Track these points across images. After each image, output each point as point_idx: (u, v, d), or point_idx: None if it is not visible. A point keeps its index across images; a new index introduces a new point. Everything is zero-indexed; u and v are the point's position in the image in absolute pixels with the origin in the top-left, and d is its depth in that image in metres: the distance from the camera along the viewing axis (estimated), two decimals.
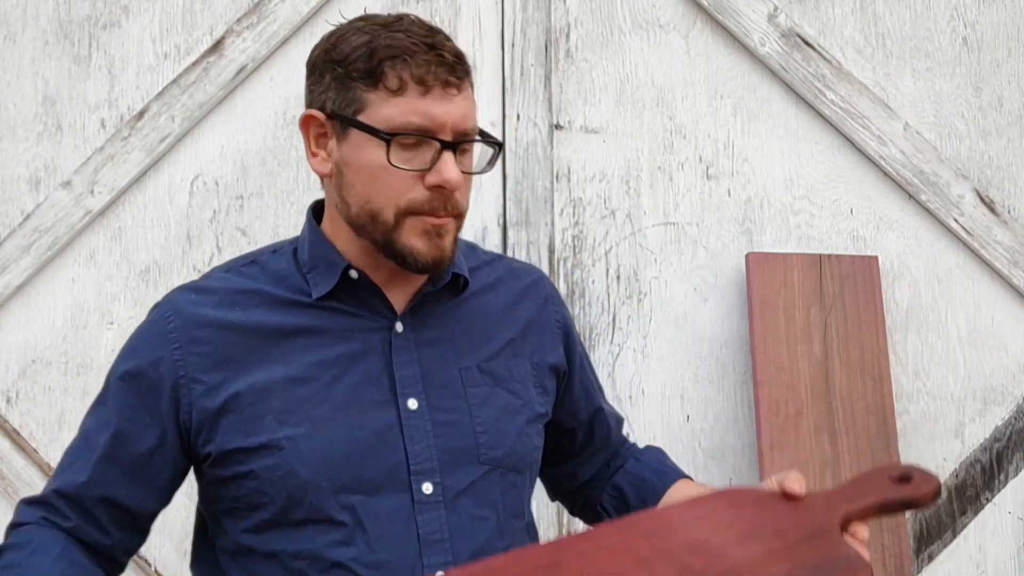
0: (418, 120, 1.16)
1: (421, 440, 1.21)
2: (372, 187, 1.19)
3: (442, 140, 1.17)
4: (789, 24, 2.31)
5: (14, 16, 2.26)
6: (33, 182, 2.22)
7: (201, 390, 1.20)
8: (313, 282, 1.25)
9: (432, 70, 1.16)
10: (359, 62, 1.18)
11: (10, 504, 2.13)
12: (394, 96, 1.16)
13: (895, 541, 2.12)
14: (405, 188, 1.17)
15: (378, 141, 1.16)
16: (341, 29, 1.22)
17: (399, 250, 1.19)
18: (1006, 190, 2.36)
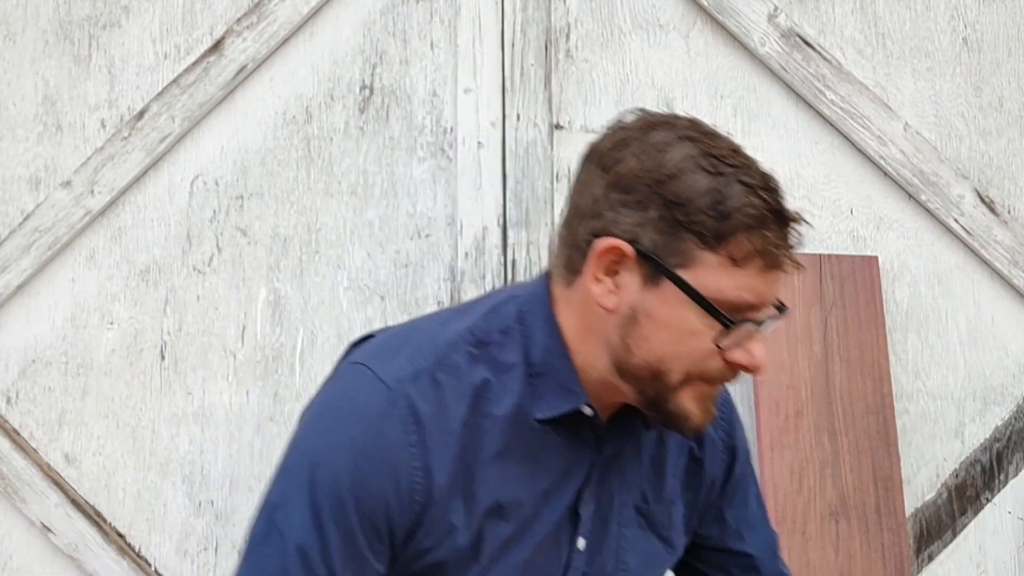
0: (750, 298, 1.04)
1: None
2: (672, 349, 1.05)
3: (760, 321, 1.05)
4: (789, 24, 2.31)
5: (14, 16, 2.26)
6: (33, 182, 2.22)
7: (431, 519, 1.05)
8: (539, 395, 1.09)
9: (783, 251, 1.06)
10: (706, 219, 1.03)
11: (10, 504, 2.13)
12: (734, 266, 1.04)
13: (895, 541, 2.12)
14: (704, 355, 1.04)
15: (699, 308, 1.03)
16: (672, 152, 1.07)
17: (670, 411, 1.06)
18: (1006, 190, 2.36)
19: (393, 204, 2.24)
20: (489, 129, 2.24)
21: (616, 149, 1.11)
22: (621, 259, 1.06)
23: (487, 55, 2.27)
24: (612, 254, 1.06)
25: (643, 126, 1.11)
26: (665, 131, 1.09)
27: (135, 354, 2.19)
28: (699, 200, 1.03)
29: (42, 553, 2.14)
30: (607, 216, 1.07)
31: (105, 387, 2.18)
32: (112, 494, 2.15)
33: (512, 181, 2.25)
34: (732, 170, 1.06)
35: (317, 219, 2.23)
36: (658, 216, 1.04)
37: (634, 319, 1.06)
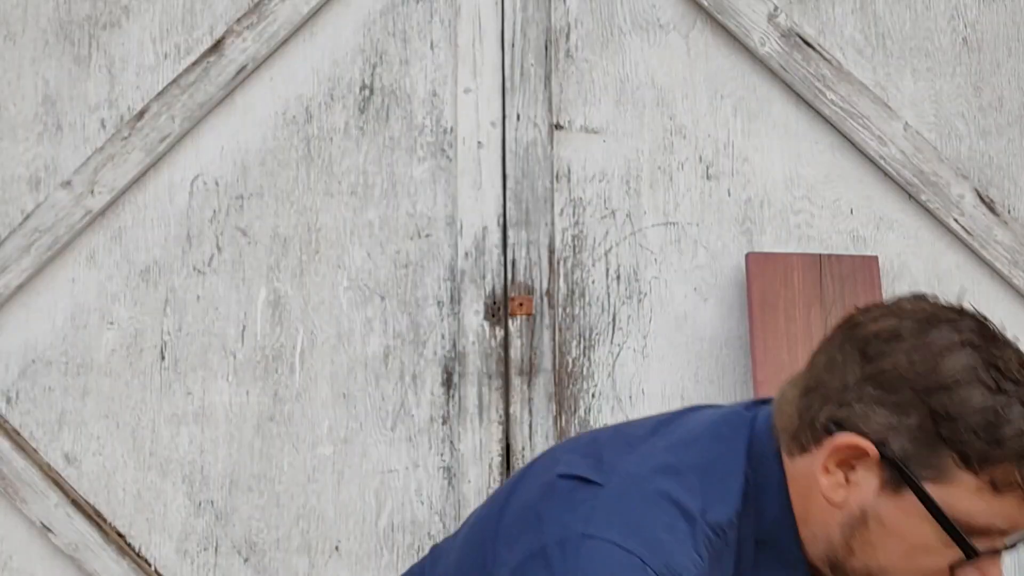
0: (1002, 526, 0.94)
1: None
2: (900, 563, 0.97)
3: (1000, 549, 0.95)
4: (789, 24, 2.31)
5: (14, 16, 2.26)
6: (33, 182, 2.22)
7: None
8: (759, 563, 1.03)
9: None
10: (975, 439, 0.92)
11: (10, 504, 2.13)
12: (993, 492, 0.92)
13: None
14: (931, 572, 0.96)
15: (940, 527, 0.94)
16: (950, 360, 0.93)
17: None
18: (1006, 190, 2.36)
19: (393, 204, 2.24)
20: (489, 129, 2.25)
21: (886, 340, 0.99)
22: (861, 457, 0.96)
23: (487, 55, 2.27)
24: (853, 451, 0.96)
25: (922, 320, 0.98)
26: (947, 331, 0.95)
27: (135, 354, 2.19)
28: (972, 418, 0.92)
29: (42, 553, 2.14)
30: (856, 409, 0.97)
31: (105, 387, 2.18)
32: (112, 494, 2.15)
33: (512, 181, 2.25)
34: (1015, 388, 0.93)
35: (317, 219, 2.23)
36: (918, 425, 0.93)
37: (863, 522, 0.97)
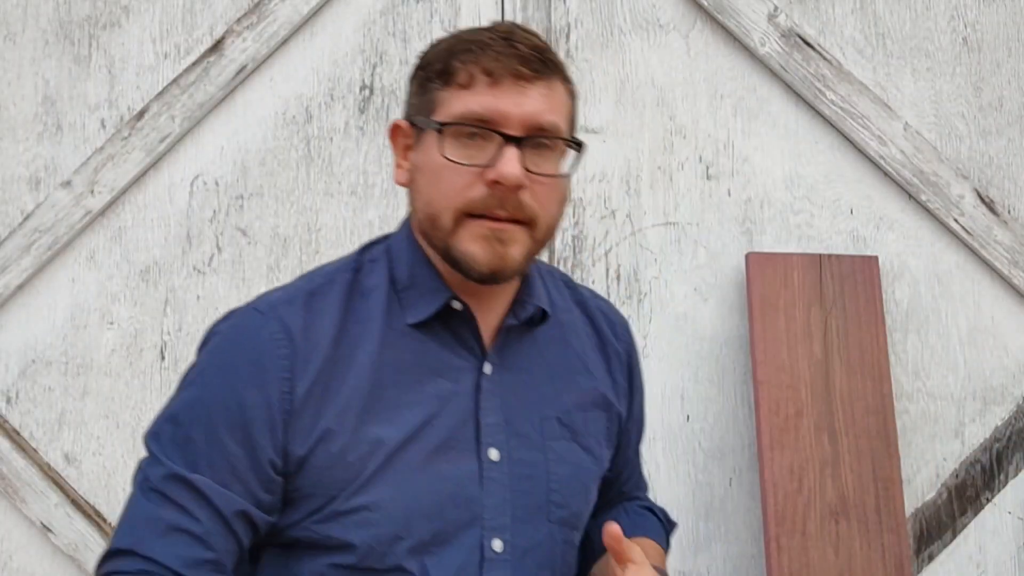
0: (480, 111, 1.10)
1: (498, 494, 1.16)
2: (434, 188, 1.12)
3: (504, 133, 1.09)
4: (789, 24, 2.31)
5: (14, 16, 2.26)
6: (33, 182, 2.22)
7: (303, 424, 1.11)
8: (409, 304, 1.17)
9: (502, 61, 1.09)
10: (436, 63, 1.14)
11: (10, 504, 2.13)
12: (463, 90, 1.11)
13: (895, 541, 2.12)
14: (464, 186, 1.10)
15: (440, 138, 1.10)
16: (440, 41, 1.18)
17: (457, 257, 1.12)
18: (1006, 190, 2.36)
19: (393, 204, 2.24)
20: None
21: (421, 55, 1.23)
22: (405, 135, 1.18)
23: None
24: (399, 135, 1.19)
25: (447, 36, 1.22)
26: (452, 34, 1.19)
27: (135, 354, 2.19)
28: (434, 55, 1.15)
29: (42, 553, 2.14)
30: (407, 110, 1.20)
31: (105, 387, 2.18)
32: (112, 494, 2.16)
33: None
34: (470, 31, 1.15)
35: (317, 219, 2.24)
36: (416, 85, 1.17)
37: (413, 180, 1.17)
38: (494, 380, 1.18)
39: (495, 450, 1.16)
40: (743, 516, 2.19)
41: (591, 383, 1.27)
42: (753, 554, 2.21)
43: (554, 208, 1.15)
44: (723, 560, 2.21)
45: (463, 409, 1.16)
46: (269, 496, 1.12)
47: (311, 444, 1.10)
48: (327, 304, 1.16)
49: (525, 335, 1.22)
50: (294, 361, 1.11)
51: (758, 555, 2.20)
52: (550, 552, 1.19)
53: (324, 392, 1.11)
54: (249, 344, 1.13)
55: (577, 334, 1.29)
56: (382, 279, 1.18)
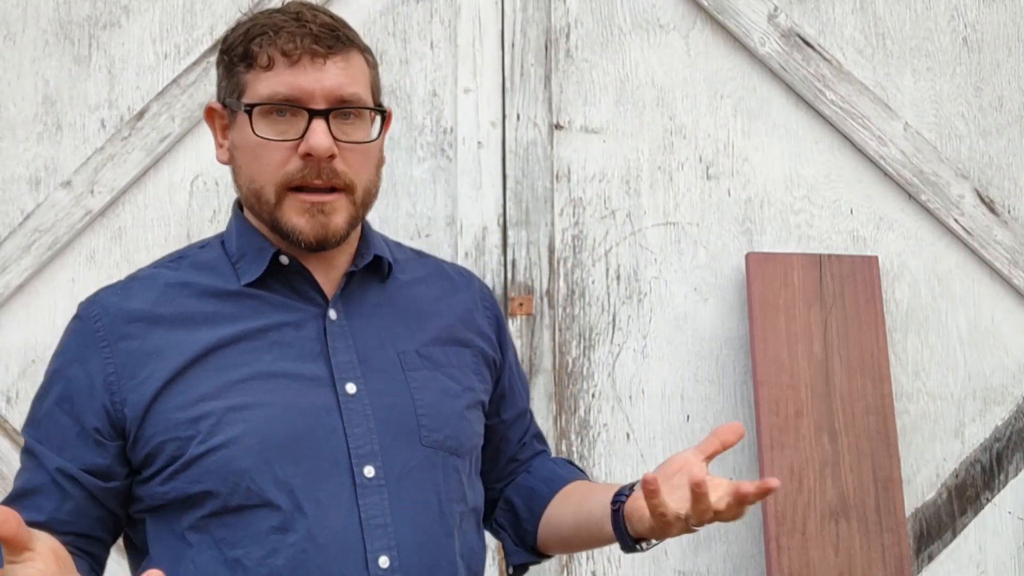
0: (284, 91, 1.17)
1: (361, 423, 1.19)
2: (253, 165, 1.20)
3: (310, 108, 1.17)
4: (789, 24, 2.31)
5: (14, 16, 2.26)
6: (33, 182, 2.22)
7: (132, 385, 1.18)
8: (242, 270, 1.24)
9: (297, 42, 1.17)
10: (237, 47, 1.21)
11: None
12: (265, 72, 1.18)
13: (895, 541, 2.12)
14: (281, 161, 1.18)
15: (251, 118, 1.18)
16: (236, 23, 1.25)
17: (284, 229, 1.20)
18: (1006, 190, 2.36)
19: (393, 204, 2.24)
20: (489, 129, 2.24)
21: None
22: (220, 117, 1.25)
23: (487, 55, 2.27)
24: (215, 117, 1.26)
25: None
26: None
27: None
28: (234, 39, 1.22)
29: None
30: (218, 92, 1.26)
31: None
32: None
33: (512, 181, 2.25)
34: (264, 13, 1.22)
35: None
36: (223, 69, 1.24)
37: (233, 159, 1.24)
38: (341, 324, 1.24)
39: (352, 384, 1.21)
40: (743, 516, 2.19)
41: (445, 322, 1.32)
42: (753, 554, 2.21)
43: (370, 172, 1.23)
44: (723, 560, 2.21)
45: (311, 350, 1.21)
46: (102, 459, 1.19)
47: (146, 403, 1.17)
48: (149, 282, 1.25)
49: (372, 285, 1.29)
50: (109, 331, 1.21)
51: (758, 555, 2.20)
52: (430, 476, 1.22)
53: (154, 355, 1.18)
54: (74, 327, 1.25)
55: (427, 287, 1.35)
56: (217, 253, 1.27)
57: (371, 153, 1.23)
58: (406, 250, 1.40)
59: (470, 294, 1.39)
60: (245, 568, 1.14)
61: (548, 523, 1.37)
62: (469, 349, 1.33)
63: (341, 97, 1.18)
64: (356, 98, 1.20)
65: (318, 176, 1.18)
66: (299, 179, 1.18)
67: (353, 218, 1.22)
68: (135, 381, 1.18)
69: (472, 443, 1.30)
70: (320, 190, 1.18)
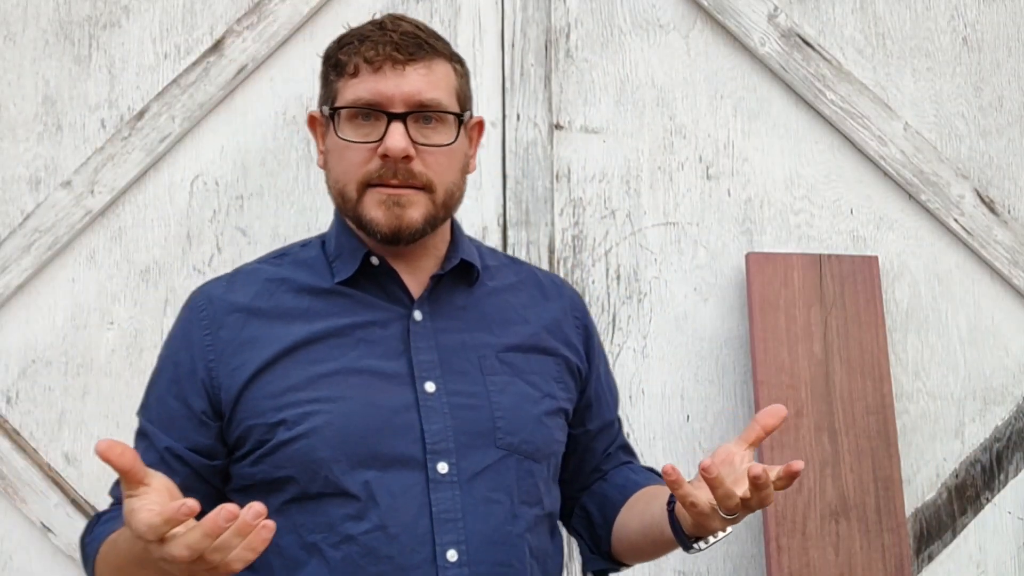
0: (367, 96, 1.25)
1: (438, 421, 1.24)
2: (340, 166, 1.28)
3: (389, 112, 1.24)
4: (789, 24, 2.31)
5: (14, 16, 2.26)
6: (33, 182, 2.22)
7: (227, 371, 1.26)
8: (337, 269, 1.31)
9: (380, 50, 1.24)
10: (331, 57, 1.31)
11: (10, 504, 2.13)
12: (351, 79, 1.27)
13: (895, 541, 2.12)
14: (362, 161, 1.25)
15: (337, 122, 1.27)
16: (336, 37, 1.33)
17: (364, 222, 1.26)
18: (1006, 190, 2.36)
19: None
20: (489, 129, 2.24)
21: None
22: (319, 124, 1.34)
23: (487, 55, 2.27)
24: (316, 125, 1.36)
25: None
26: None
27: (135, 354, 2.19)
28: (330, 50, 1.32)
29: (42, 553, 2.14)
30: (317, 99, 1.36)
31: (105, 387, 2.18)
32: None
33: (512, 181, 2.25)
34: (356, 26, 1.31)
35: (317, 219, 2.23)
36: (321, 79, 1.34)
37: (327, 163, 1.32)
38: (425, 325, 1.29)
39: (431, 383, 1.26)
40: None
41: (531, 330, 1.36)
42: (753, 554, 2.21)
43: (452, 175, 1.29)
44: (723, 560, 2.21)
45: (394, 349, 1.27)
46: (206, 440, 1.27)
47: (239, 388, 1.25)
48: (252, 276, 1.34)
49: (459, 289, 1.34)
50: (213, 320, 1.29)
51: (758, 555, 2.20)
52: (504, 477, 1.26)
53: (249, 345, 1.27)
54: (183, 316, 1.33)
55: (516, 294, 1.39)
56: (316, 252, 1.35)
57: (453, 156, 1.29)
58: (500, 256, 1.45)
59: (560, 303, 1.42)
60: (322, 552, 1.21)
61: (618, 529, 1.40)
62: (553, 358, 1.36)
63: (420, 102, 1.24)
64: (435, 103, 1.25)
65: (395, 176, 1.24)
66: (377, 178, 1.25)
67: (432, 216, 1.27)
68: (231, 367, 1.26)
69: (550, 449, 1.33)
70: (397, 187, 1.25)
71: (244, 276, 1.35)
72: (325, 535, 1.21)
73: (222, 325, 1.28)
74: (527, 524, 1.27)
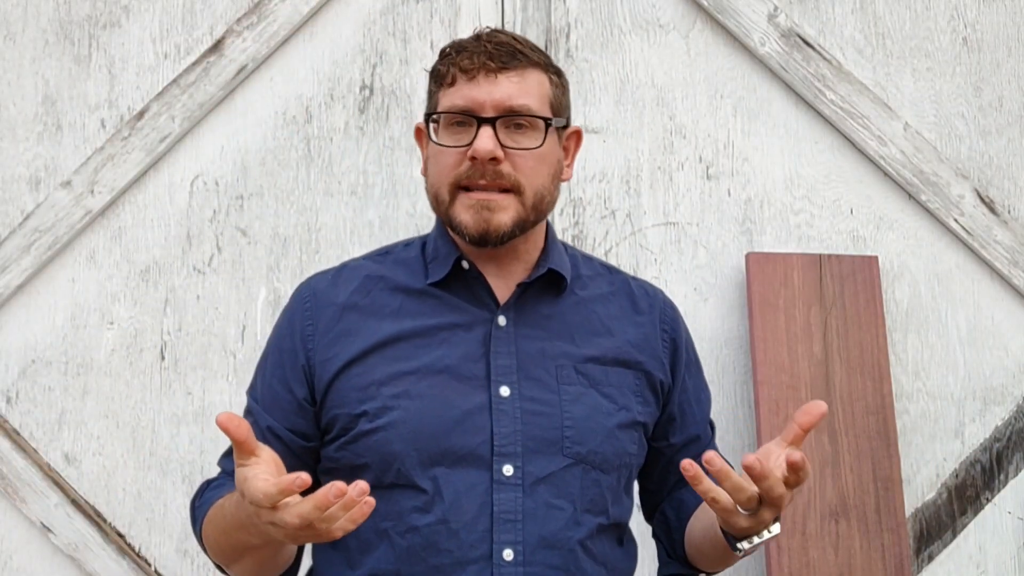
0: (461, 102, 1.29)
1: (508, 424, 1.28)
2: (435, 170, 1.33)
3: (479, 116, 1.28)
4: (789, 24, 2.31)
5: (14, 16, 2.26)
6: (33, 182, 2.22)
7: (322, 360, 1.33)
8: (431, 270, 1.36)
9: (475, 59, 1.29)
10: (434, 70, 1.36)
11: (10, 504, 2.13)
12: (449, 88, 1.31)
13: (895, 541, 2.12)
14: (454, 164, 1.30)
15: (434, 128, 1.32)
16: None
17: (455, 225, 1.31)
18: (1006, 190, 2.36)
19: (393, 204, 2.24)
20: None
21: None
22: (425, 137, 1.37)
23: None
24: (420, 135, 1.40)
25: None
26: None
27: (135, 354, 2.19)
28: (435, 63, 1.36)
29: (42, 553, 2.14)
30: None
31: (105, 387, 2.18)
32: (112, 494, 2.16)
33: None
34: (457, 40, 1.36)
35: (317, 219, 2.23)
36: (428, 92, 1.38)
37: (427, 169, 1.37)
38: (507, 331, 1.33)
39: (506, 387, 1.30)
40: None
41: (613, 343, 1.38)
42: (753, 554, 2.21)
43: (542, 178, 1.32)
44: None
45: (475, 352, 1.32)
46: (303, 422, 1.35)
47: (330, 377, 1.31)
48: (354, 272, 1.40)
49: (545, 297, 1.37)
50: (315, 312, 1.36)
51: (758, 555, 2.20)
52: (568, 484, 1.29)
53: (343, 337, 1.33)
54: (290, 306, 1.41)
55: (606, 305, 1.41)
56: (416, 253, 1.41)
57: (545, 161, 1.32)
58: (595, 265, 1.47)
59: (651, 316, 1.44)
60: (391, 539, 1.27)
61: (689, 532, 1.43)
62: (633, 371, 1.38)
63: (510, 107, 1.29)
64: (524, 108, 1.29)
65: (483, 176, 1.28)
66: (466, 179, 1.29)
67: (521, 219, 1.31)
68: (325, 357, 1.33)
69: (621, 461, 1.35)
70: (487, 190, 1.29)
71: (348, 271, 1.41)
72: (394, 523, 1.27)
73: (322, 317, 1.35)
74: (588, 532, 1.30)
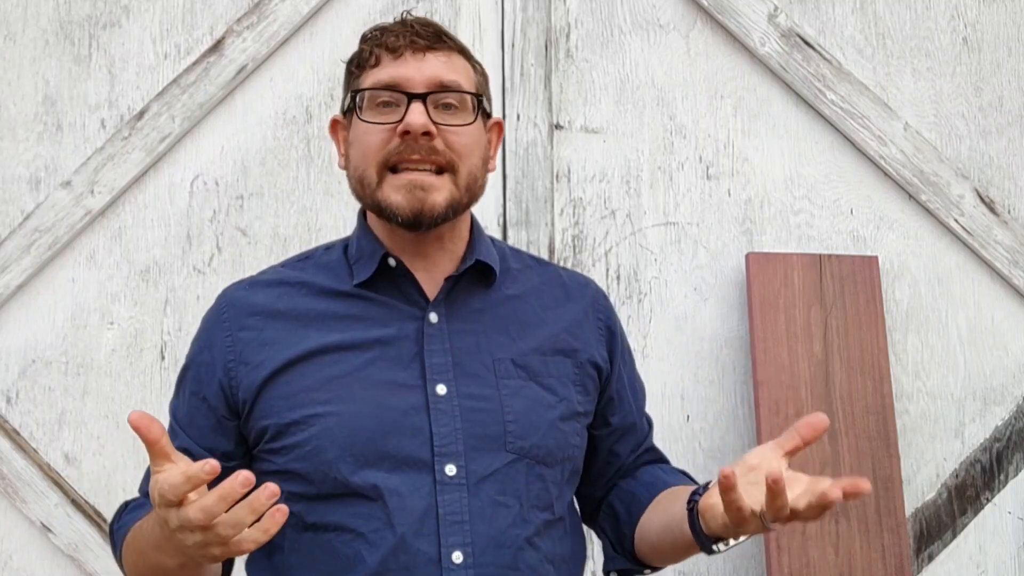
0: (386, 79, 1.26)
1: (447, 423, 1.24)
2: (359, 152, 1.28)
3: (409, 92, 1.24)
4: (789, 24, 2.31)
5: (14, 16, 2.26)
6: (33, 182, 2.22)
7: (246, 371, 1.28)
8: (356, 271, 1.31)
9: (400, 38, 1.26)
10: (353, 57, 1.32)
11: (10, 504, 2.13)
12: (373, 68, 1.28)
13: (895, 541, 2.12)
14: (382, 143, 1.25)
15: (359, 108, 1.27)
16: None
17: (383, 207, 1.26)
18: (1006, 190, 2.36)
19: None
20: None
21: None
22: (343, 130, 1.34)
23: (487, 55, 2.27)
24: (338, 129, 1.35)
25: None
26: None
27: (135, 354, 2.19)
28: (352, 54, 1.32)
29: (42, 553, 2.14)
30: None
31: (105, 387, 2.18)
32: (112, 494, 2.15)
33: (512, 181, 2.25)
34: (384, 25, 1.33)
35: (317, 219, 2.23)
36: (344, 84, 1.34)
37: (348, 160, 1.32)
38: (440, 327, 1.29)
39: (443, 385, 1.26)
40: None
41: (548, 332, 1.34)
42: (753, 554, 2.21)
43: (473, 158, 1.28)
44: (723, 560, 2.21)
45: (408, 352, 1.27)
46: (223, 440, 1.31)
47: (256, 387, 1.27)
48: (274, 278, 1.36)
49: (476, 291, 1.33)
50: (233, 323, 1.31)
51: (758, 555, 2.20)
52: (513, 481, 1.25)
53: (268, 346, 1.28)
54: (206, 318, 1.36)
55: (538, 296, 1.38)
56: (338, 256, 1.36)
57: (475, 139, 1.29)
58: (524, 257, 1.44)
59: (582, 303, 1.40)
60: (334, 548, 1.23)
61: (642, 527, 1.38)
62: (571, 359, 1.34)
63: (441, 83, 1.25)
64: (455, 84, 1.26)
65: (415, 152, 1.24)
66: (396, 157, 1.24)
67: (455, 201, 1.26)
68: (249, 367, 1.28)
69: (564, 454, 1.32)
70: (419, 169, 1.24)
71: (267, 279, 1.37)
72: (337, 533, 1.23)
73: (243, 327, 1.31)
74: (536, 528, 1.27)
